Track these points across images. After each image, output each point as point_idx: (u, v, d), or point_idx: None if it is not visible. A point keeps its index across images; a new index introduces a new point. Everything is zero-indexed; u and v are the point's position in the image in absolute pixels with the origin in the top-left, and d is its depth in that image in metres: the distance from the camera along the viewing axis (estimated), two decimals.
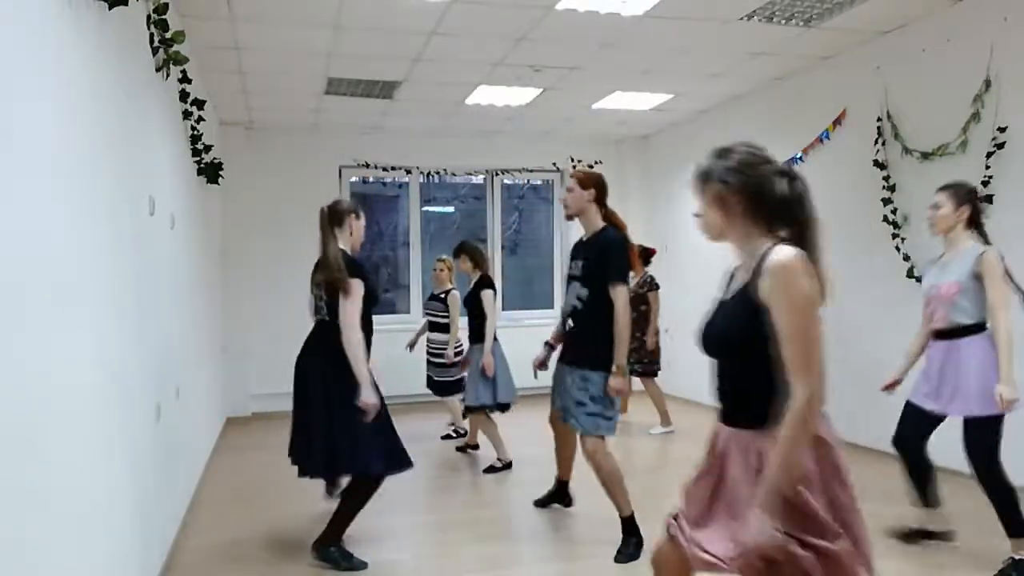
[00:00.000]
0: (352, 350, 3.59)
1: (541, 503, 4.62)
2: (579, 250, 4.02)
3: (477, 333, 5.61)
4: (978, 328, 3.46)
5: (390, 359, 7.75)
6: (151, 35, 3.58)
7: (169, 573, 3.62)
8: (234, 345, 7.78)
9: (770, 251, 1.89)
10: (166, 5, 3.54)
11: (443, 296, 6.36)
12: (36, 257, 1.91)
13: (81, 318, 2.30)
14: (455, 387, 6.32)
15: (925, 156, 5.24)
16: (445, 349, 6.26)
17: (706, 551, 1.94)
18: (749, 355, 1.91)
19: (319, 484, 4.50)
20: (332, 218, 3.87)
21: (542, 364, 4.40)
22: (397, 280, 9.85)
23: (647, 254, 7.06)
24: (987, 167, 4.79)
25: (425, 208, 9.46)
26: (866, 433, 5.76)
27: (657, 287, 6.95)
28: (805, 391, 1.80)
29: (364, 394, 3.56)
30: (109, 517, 2.60)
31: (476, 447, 6.21)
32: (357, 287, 3.66)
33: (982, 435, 3.43)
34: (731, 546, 1.88)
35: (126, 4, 2.62)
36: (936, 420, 3.67)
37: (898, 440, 3.79)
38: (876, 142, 5.64)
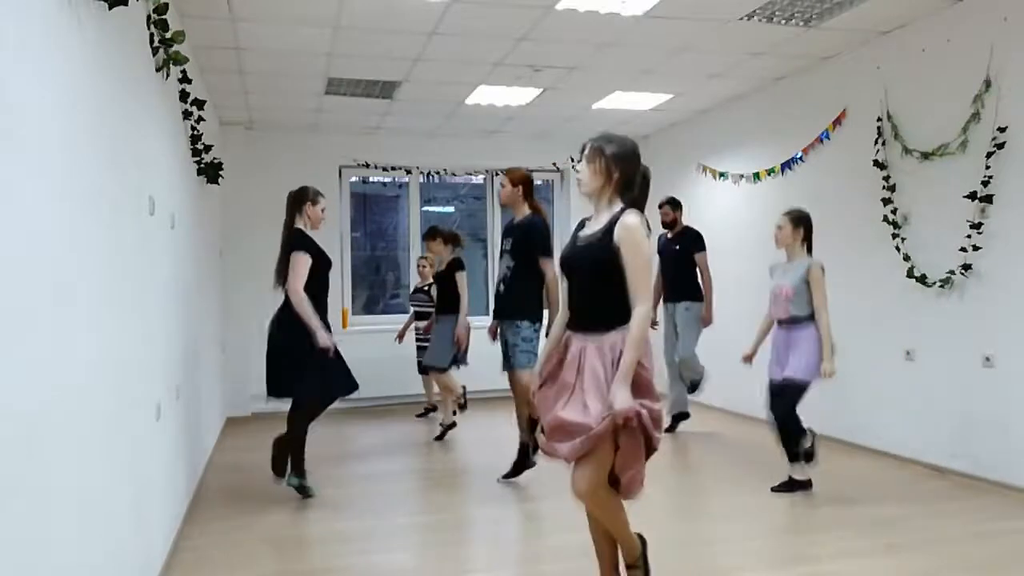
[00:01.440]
0: (299, 308, 4.55)
1: (508, 476, 5.10)
2: (508, 231, 5.13)
3: (446, 307, 6.45)
4: (808, 319, 4.59)
5: (392, 359, 7.78)
6: (151, 35, 3.57)
7: (169, 573, 3.62)
8: (234, 345, 7.77)
9: (623, 213, 2.83)
10: (166, 5, 3.54)
11: (427, 289, 7.32)
12: (36, 257, 1.91)
13: (81, 318, 2.30)
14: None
15: (925, 156, 5.24)
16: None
17: (573, 431, 2.71)
18: (604, 279, 2.80)
19: (319, 484, 4.52)
20: (293, 204, 4.86)
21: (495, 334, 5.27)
22: (399, 280, 9.86)
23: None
24: (987, 167, 4.79)
25: (425, 208, 9.46)
26: (865, 432, 5.77)
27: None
28: (645, 303, 2.76)
29: (319, 337, 4.50)
30: (109, 517, 2.60)
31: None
32: (300, 260, 4.61)
33: (794, 393, 4.54)
34: (591, 415, 2.68)
35: (126, 4, 2.62)
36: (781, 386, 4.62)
37: (770, 410, 4.70)
38: (876, 142, 5.64)
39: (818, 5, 5.00)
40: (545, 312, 4.90)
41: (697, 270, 6.53)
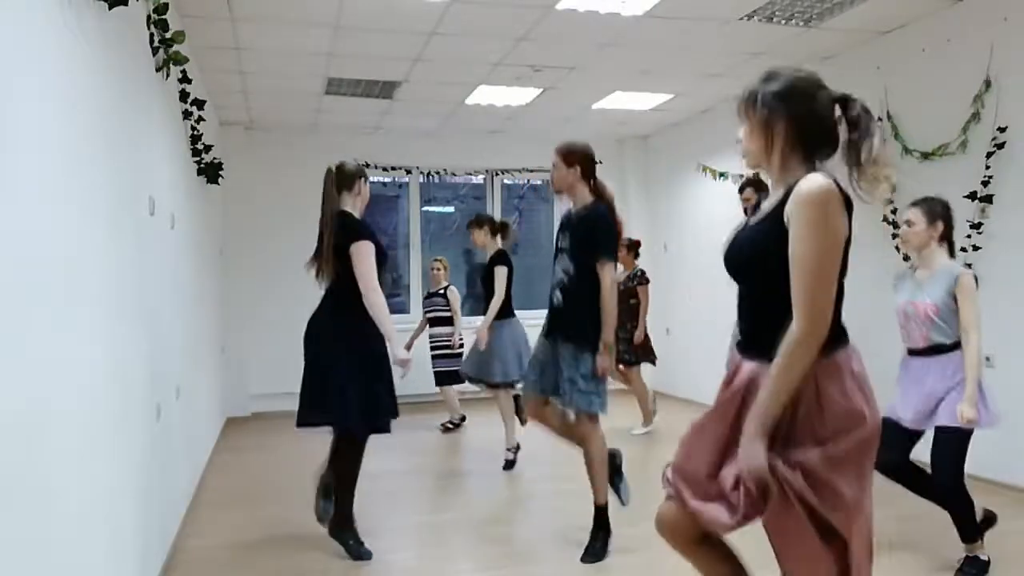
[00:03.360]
0: (378, 312, 3.62)
1: (593, 559, 3.77)
2: (566, 224, 3.92)
3: (500, 310, 5.56)
4: (955, 347, 3.42)
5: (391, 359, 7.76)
6: (151, 35, 3.57)
7: (169, 573, 3.62)
8: (234, 345, 7.77)
9: (806, 177, 1.84)
10: (166, 5, 3.54)
11: (442, 292, 6.91)
12: (36, 257, 1.91)
13: (81, 318, 2.30)
14: (454, 377, 6.55)
15: (925, 156, 5.24)
16: (451, 340, 6.75)
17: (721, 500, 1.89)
18: (773, 278, 1.84)
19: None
20: (341, 180, 3.89)
21: None
22: (399, 280, 9.86)
23: (635, 246, 6.98)
24: (987, 167, 4.79)
25: (425, 208, 9.46)
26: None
27: (647, 281, 6.82)
28: (802, 325, 1.78)
29: (396, 351, 3.70)
30: (109, 517, 2.60)
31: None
32: (366, 249, 3.66)
33: (957, 449, 3.40)
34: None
35: (126, 4, 2.62)
36: (916, 436, 3.58)
37: (885, 467, 3.40)
38: None
39: (818, 5, 5.00)
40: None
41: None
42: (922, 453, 3.57)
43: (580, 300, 3.72)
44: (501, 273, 5.57)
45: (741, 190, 5.38)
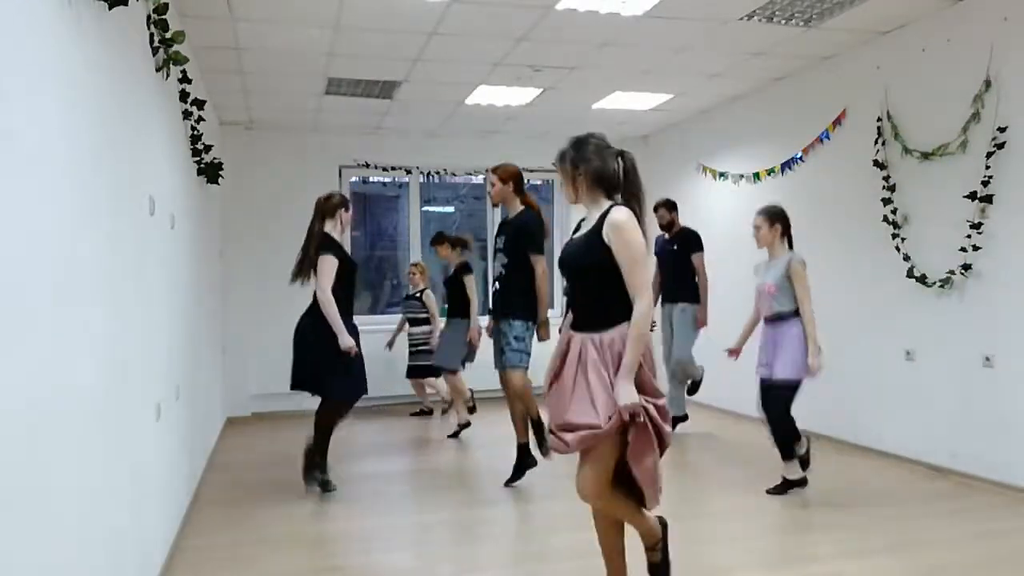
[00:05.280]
0: (324, 308, 4.65)
1: (511, 481, 5.04)
2: (502, 228, 5.03)
3: (455, 310, 6.61)
4: (792, 315, 4.57)
5: (392, 359, 7.78)
6: (151, 35, 3.57)
7: (169, 573, 3.62)
8: (234, 345, 7.77)
9: (610, 209, 2.79)
10: (166, 5, 3.54)
11: (419, 295, 7.53)
12: (36, 257, 1.91)
13: (81, 318, 2.30)
14: (433, 371, 7.39)
15: (925, 156, 5.24)
16: (429, 338, 7.42)
17: (579, 427, 2.69)
18: (597, 279, 2.79)
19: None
20: (325, 210, 4.87)
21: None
22: (400, 283, 9.86)
23: None
24: (987, 167, 4.79)
25: (425, 208, 9.46)
26: (866, 432, 5.77)
27: None
28: (644, 301, 2.72)
29: (341, 339, 4.62)
30: (109, 517, 2.60)
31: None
32: (327, 263, 4.65)
33: (787, 394, 4.53)
34: (597, 413, 2.66)
35: (126, 4, 2.62)
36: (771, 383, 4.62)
37: (763, 410, 4.70)
38: (876, 142, 5.64)
39: (818, 5, 5.00)
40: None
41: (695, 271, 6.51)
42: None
43: (513, 287, 4.83)
44: (471, 281, 6.58)
45: (656, 209, 6.55)
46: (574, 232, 3.00)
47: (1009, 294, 4.72)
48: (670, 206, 6.66)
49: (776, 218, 4.68)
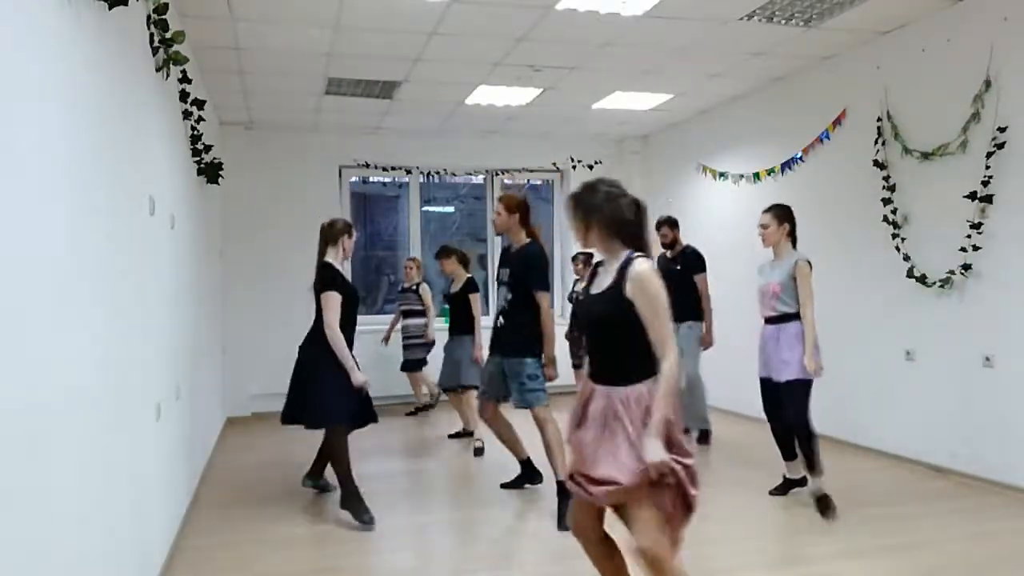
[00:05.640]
0: (336, 347, 4.40)
1: (511, 485, 5.02)
2: (505, 260, 4.81)
3: (461, 327, 6.47)
4: (796, 316, 4.47)
5: (391, 359, 7.78)
6: (151, 35, 3.57)
7: (169, 573, 3.62)
8: (234, 345, 7.77)
9: (631, 262, 2.64)
10: (166, 5, 3.54)
11: (415, 288, 7.56)
12: (36, 257, 1.91)
13: (81, 318, 2.30)
14: (420, 365, 7.57)
15: (925, 156, 5.24)
16: (424, 331, 7.47)
17: (604, 482, 2.56)
18: (620, 332, 2.64)
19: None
20: (328, 236, 4.64)
21: None
22: (398, 281, 9.86)
23: (590, 259, 7.27)
24: (987, 167, 4.79)
25: (425, 208, 9.46)
26: (866, 432, 5.77)
27: None
28: (671, 355, 2.57)
29: (354, 377, 4.38)
30: (109, 517, 2.60)
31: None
32: (332, 299, 4.43)
33: (802, 394, 4.39)
34: (623, 469, 2.53)
35: (126, 4, 2.62)
36: (779, 387, 4.50)
37: (771, 411, 4.62)
38: (876, 142, 5.64)
39: (818, 5, 5.00)
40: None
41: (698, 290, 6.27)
42: None
43: (518, 322, 4.59)
44: (477, 299, 6.48)
45: (658, 228, 6.33)
46: (588, 282, 2.87)
47: (1009, 294, 4.72)
48: (672, 224, 6.43)
49: (784, 218, 4.60)
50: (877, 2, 4.94)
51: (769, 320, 4.60)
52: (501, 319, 4.71)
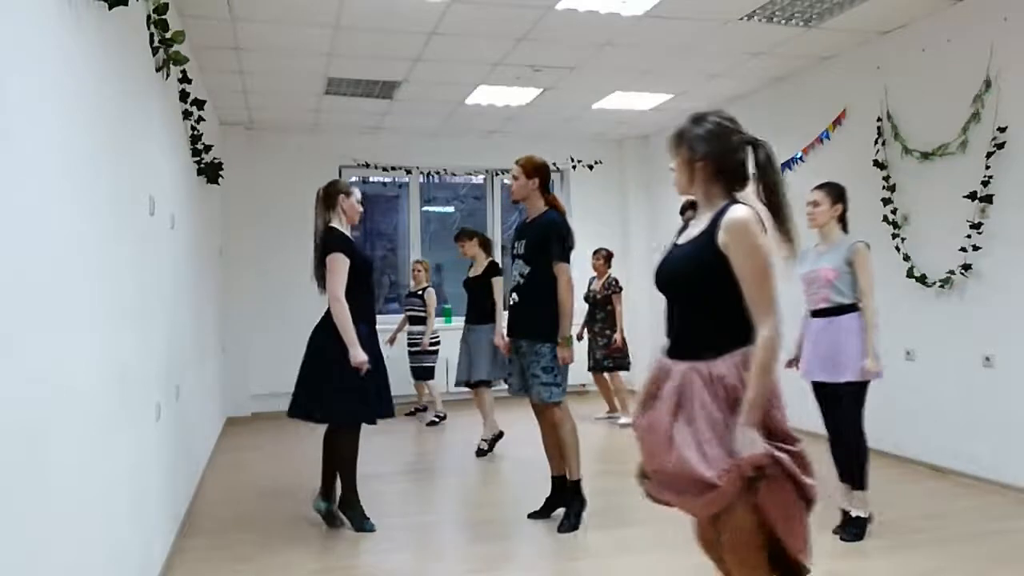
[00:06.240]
0: (336, 318, 3.96)
1: (540, 514, 4.34)
2: (522, 231, 4.30)
3: (481, 315, 6.00)
4: (851, 308, 3.91)
5: (391, 359, 7.76)
6: (151, 35, 3.58)
7: (169, 573, 3.62)
8: (234, 345, 7.77)
9: (727, 208, 2.19)
10: (166, 5, 3.54)
11: (420, 293, 7.33)
12: (37, 257, 1.91)
13: (81, 318, 2.30)
14: (429, 373, 7.35)
15: (925, 156, 5.24)
16: (422, 338, 7.24)
17: (684, 480, 2.12)
18: (706, 295, 2.21)
19: (318, 485, 4.46)
20: (325, 200, 4.23)
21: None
22: (398, 281, 9.87)
23: (609, 257, 7.33)
24: (987, 167, 4.79)
25: (425, 208, 9.46)
26: (867, 432, 5.76)
27: (620, 289, 7.12)
28: (769, 325, 2.10)
29: (353, 354, 3.94)
30: (109, 517, 2.60)
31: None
32: (337, 262, 3.99)
33: (856, 400, 3.88)
34: (709, 463, 2.08)
35: (126, 4, 2.62)
36: (836, 391, 3.97)
37: (825, 420, 4.05)
38: (876, 142, 5.64)
39: (818, 5, 5.00)
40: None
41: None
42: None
43: (534, 299, 4.11)
44: (500, 283, 5.99)
45: (683, 211, 5.59)
46: (678, 235, 2.40)
47: (1009, 294, 4.72)
48: (697, 207, 6.11)
49: (838, 197, 4.10)
50: (877, 2, 4.94)
51: (819, 313, 4.02)
52: (515, 296, 4.22)
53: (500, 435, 6.03)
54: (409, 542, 4.20)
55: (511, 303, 4.26)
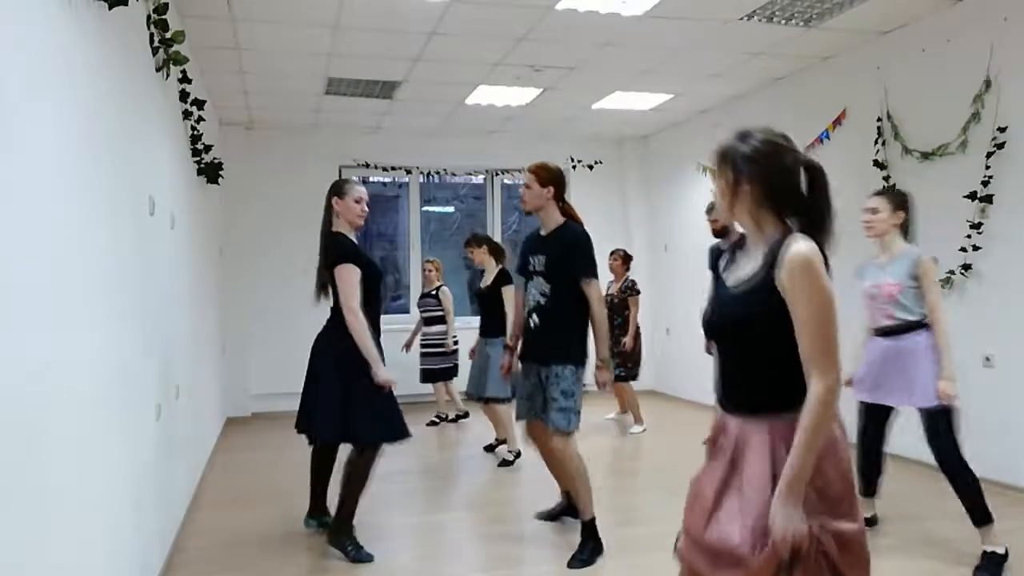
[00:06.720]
0: (355, 335, 3.68)
1: (549, 516, 4.31)
2: (538, 246, 3.91)
3: (492, 327, 5.73)
4: (918, 325, 3.64)
5: (391, 359, 7.76)
6: (151, 35, 3.58)
7: (169, 573, 3.62)
8: (234, 345, 7.77)
9: (788, 243, 1.88)
10: (166, 5, 3.54)
11: (434, 293, 7.08)
12: (37, 257, 1.91)
13: (81, 318, 2.30)
14: (447, 373, 7.05)
15: (925, 156, 5.24)
16: (444, 339, 6.97)
17: (719, 553, 1.89)
18: (761, 342, 1.90)
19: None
20: (327, 202, 3.95)
21: (510, 370, 4.22)
22: (399, 281, 9.86)
23: (628, 259, 7.12)
24: (987, 167, 4.79)
25: (425, 208, 9.46)
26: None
27: (638, 292, 6.90)
28: (824, 380, 1.81)
29: (377, 372, 3.70)
30: (109, 517, 2.60)
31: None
32: (348, 272, 3.72)
33: (950, 427, 3.55)
34: (742, 530, 1.85)
35: (126, 4, 2.62)
36: (889, 413, 3.86)
37: (868, 447, 3.97)
38: (876, 142, 5.64)
39: (818, 5, 5.00)
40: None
41: None
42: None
43: (558, 321, 3.76)
44: (511, 293, 5.52)
45: (709, 211, 5.37)
46: (724, 268, 2.11)
47: (1009, 294, 4.72)
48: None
49: (900, 205, 3.74)
50: (877, 2, 4.94)
51: (883, 331, 3.77)
52: (535, 318, 3.83)
53: (503, 441, 5.90)
54: (412, 542, 4.19)
55: (530, 326, 3.86)
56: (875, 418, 3.85)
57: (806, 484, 1.80)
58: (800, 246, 1.86)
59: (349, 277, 3.71)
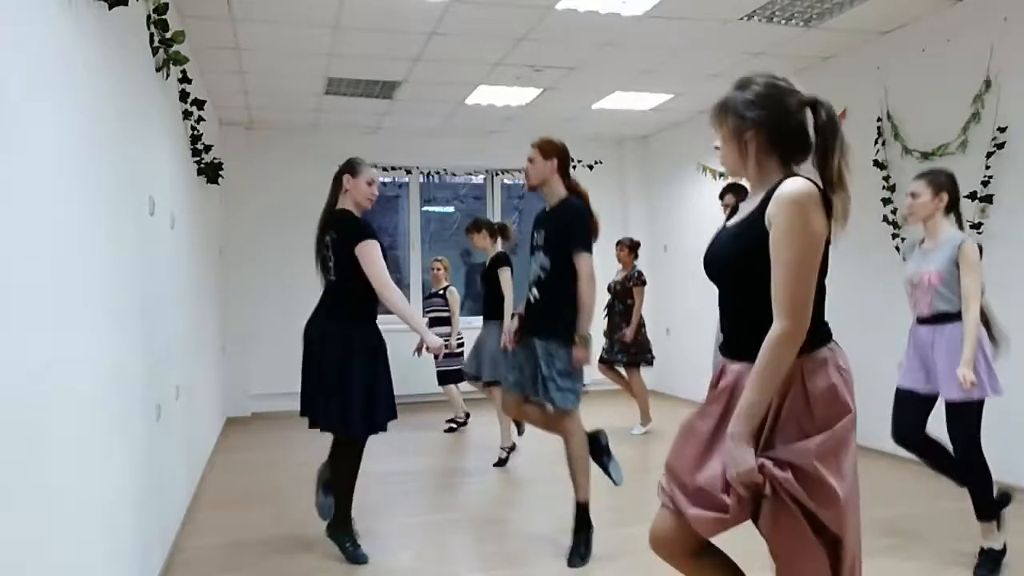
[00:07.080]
0: (396, 309, 3.66)
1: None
2: (541, 221, 3.88)
3: (492, 311, 5.68)
4: (959, 316, 3.49)
5: (391, 359, 7.76)
6: (151, 35, 3.58)
7: (169, 573, 3.62)
8: (234, 345, 7.77)
9: (783, 181, 1.84)
10: (166, 5, 3.54)
11: (442, 293, 7.00)
12: (36, 257, 1.91)
13: (81, 318, 2.30)
14: (455, 376, 6.80)
15: (925, 156, 5.24)
16: (447, 340, 6.56)
17: (704, 495, 1.87)
18: (755, 280, 1.82)
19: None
20: (333, 182, 3.93)
21: (516, 340, 4.00)
22: (399, 281, 9.86)
23: (636, 247, 7.06)
24: (987, 167, 4.79)
25: (425, 208, 9.46)
26: (865, 433, 5.74)
27: (644, 282, 6.85)
28: (781, 324, 1.76)
29: (427, 339, 3.80)
30: (108, 517, 2.60)
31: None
32: (372, 249, 3.64)
33: (971, 417, 3.48)
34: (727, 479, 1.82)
35: (126, 4, 2.62)
36: (930, 402, 3.64)
37: (898, 431, 3.67)
38: (876, 142, 5.64)
39: (818, 5, 5.00)
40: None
41: None
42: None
43: (557, 295, 3.70)
44: (506, 275, 5.65)
45: (722, 196, 5.27)
46: (728, 218, 2.10)
47: (1009, 294, 4.71)
48: (740, 191, 5.04)
49: (943, 186, 3.55)
50: (877, 2, 4.94)
51: (925, 320, 3.65)
52: (535, 292, 3.79)
53: (513, 447, 5.77)
54: (413, 542, 4.20)
55: (530, 300, 3.83)
56: (912, 409, 3.63)
57: (778, 422, 1.78)
58: (796, 183, 1.81)
59: (375, 254, 3.63)
